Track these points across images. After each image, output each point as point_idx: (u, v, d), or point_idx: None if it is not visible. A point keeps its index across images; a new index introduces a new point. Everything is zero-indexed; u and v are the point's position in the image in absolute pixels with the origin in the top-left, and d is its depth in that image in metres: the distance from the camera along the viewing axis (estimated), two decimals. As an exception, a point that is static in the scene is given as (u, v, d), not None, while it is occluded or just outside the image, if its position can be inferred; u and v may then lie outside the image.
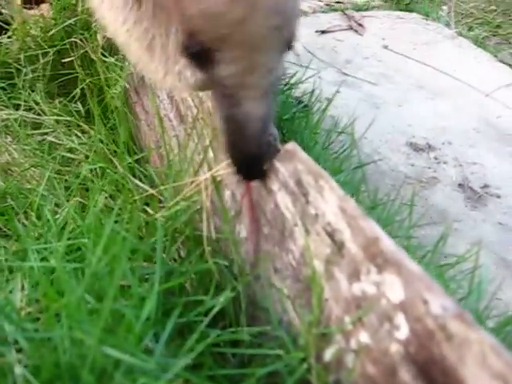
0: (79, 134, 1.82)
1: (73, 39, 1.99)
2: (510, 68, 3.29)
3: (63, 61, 1.99)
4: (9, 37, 2.11)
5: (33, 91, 1.99)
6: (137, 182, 1.31)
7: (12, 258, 1.18)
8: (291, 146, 1.00)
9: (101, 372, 0.74)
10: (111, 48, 1.95)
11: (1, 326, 0.76)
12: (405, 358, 0.72)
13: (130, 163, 1.55)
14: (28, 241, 1.11)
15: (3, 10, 2.25)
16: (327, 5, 3.94)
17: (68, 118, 1.82)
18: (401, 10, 3.91)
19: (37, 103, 1.91)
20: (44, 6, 2.22)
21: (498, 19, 4.97)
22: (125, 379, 0.73)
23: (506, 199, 2.19)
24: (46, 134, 1.83)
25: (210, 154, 1.28)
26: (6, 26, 2.18)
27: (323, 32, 3.36)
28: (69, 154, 1.66)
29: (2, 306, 0.81)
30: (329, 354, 0.85)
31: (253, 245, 1.04)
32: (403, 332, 0.72)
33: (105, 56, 1.95)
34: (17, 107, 1.96)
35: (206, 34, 0.95)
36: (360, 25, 3.50)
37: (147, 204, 1.30)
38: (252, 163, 1.00)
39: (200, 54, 0.98)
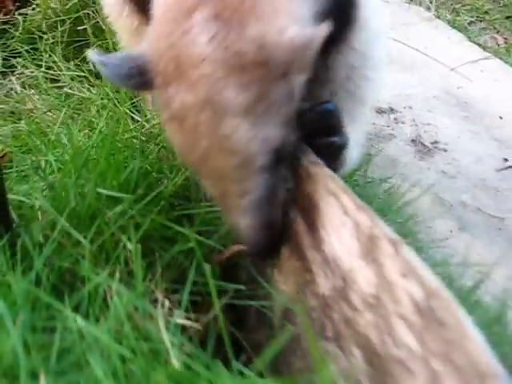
0: (90, 88, 2.22)
1: (86, 11, 2.39)
2: (480, 47, 3.63)
3: (78, 29, 2.39)
4: (33, 8, 2.51)
5: (52, 54, 2.39)
6: (133, 115, 1.71)
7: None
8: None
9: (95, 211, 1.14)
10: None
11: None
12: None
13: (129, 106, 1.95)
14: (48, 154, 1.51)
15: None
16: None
17: (81, 74, 2.23)
18: (387, -6, 4.27)
19: (55, 63, 2.32)
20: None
21: (487, 6, 5.23)
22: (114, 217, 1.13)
23: (452, 153, 2.55)
24: (63, 87, 2.23)
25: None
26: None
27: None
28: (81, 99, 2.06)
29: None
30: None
31: None
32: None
33: (112, 25, 2.35)
34: (39, 67, 2.37)
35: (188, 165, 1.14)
36: (346, 7, 3.86)
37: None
38: (256, 257, 1.16)
39: None
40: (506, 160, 2.54)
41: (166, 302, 0.91)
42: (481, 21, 5.01)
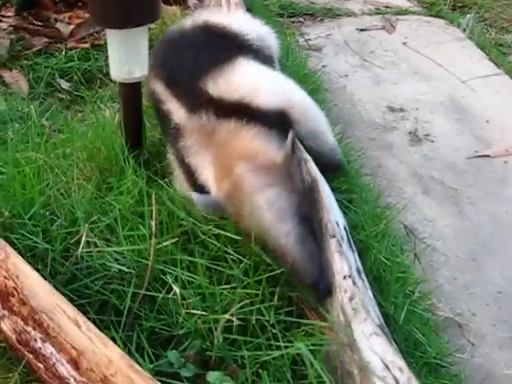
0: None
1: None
2: (495, 66, 4.47)
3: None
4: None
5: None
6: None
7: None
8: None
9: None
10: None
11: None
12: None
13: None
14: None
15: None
16: (377, 8, 5.27)
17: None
18: (431, 16, 5.14)
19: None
20: (175, 7, 3.83)
21: (537, 25, 5.89)
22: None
23: (437, 143, 3.52)
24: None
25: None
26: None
27: (362, 30, 4.74)
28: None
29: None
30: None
31: None
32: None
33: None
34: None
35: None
36: (392, 26, 4.83)
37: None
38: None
39: None
40: (476, 152, 3.48)
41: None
42: (526, 39, 5.68)
